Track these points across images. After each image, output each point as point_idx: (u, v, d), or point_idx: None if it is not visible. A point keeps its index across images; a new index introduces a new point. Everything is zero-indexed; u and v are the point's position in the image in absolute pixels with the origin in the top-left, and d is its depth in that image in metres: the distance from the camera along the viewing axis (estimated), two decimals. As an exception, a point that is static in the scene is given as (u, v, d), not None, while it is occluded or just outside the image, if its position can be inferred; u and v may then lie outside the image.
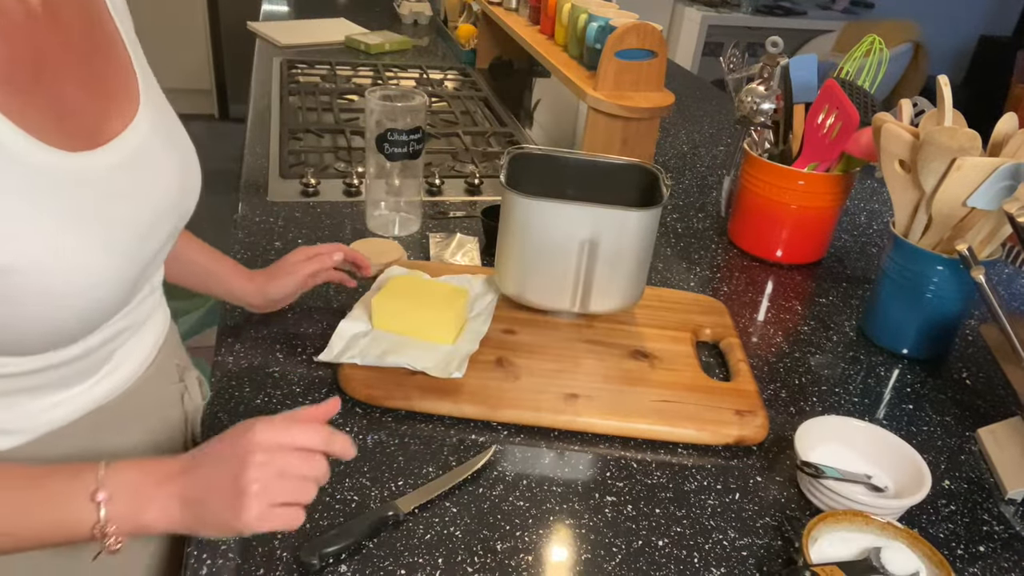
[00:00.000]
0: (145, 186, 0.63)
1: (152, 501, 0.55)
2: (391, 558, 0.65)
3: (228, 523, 0.55)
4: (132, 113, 0.63)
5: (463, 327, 0.92)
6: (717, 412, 0.83)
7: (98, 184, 0.58)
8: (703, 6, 4.24)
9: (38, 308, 0.54)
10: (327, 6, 2.67)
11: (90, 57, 0.61)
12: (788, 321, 1.08)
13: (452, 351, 0.87)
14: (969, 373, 1.00)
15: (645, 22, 1.28)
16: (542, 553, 0.68)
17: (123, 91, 0.64)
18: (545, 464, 0.78)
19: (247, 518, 0.54)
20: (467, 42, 2.18)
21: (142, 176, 0.62)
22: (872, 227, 1.41)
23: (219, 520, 0.55)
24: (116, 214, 0.59)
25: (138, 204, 0.62)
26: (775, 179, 1.16)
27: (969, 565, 0.72)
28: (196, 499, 0.55)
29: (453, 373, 0.82)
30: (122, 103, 0.63)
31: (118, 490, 0.54)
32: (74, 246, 0.55)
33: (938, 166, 0.89)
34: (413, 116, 1.10)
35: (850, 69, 1.17)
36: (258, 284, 0.90)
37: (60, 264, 0.54)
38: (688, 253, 1.24)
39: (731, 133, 1.81)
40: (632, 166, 1.00)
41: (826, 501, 0.74)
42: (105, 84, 0.62)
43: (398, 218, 1.19)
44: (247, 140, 1.48)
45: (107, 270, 0.57)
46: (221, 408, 0.81)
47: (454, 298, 0.90)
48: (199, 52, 3.95)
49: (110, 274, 0.58)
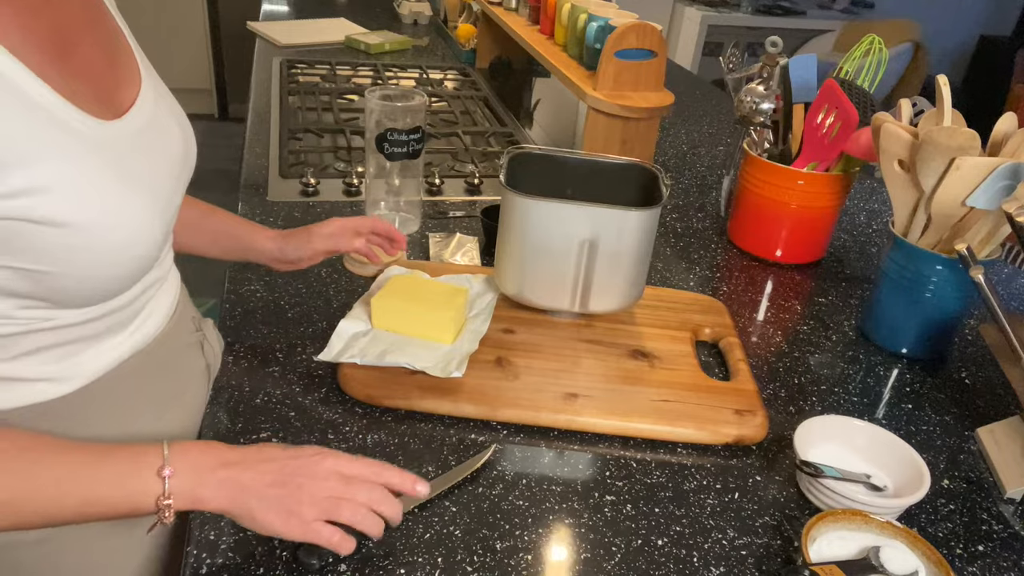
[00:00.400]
0: (162, 148, 0.69)
1: (209, 482, 0.59)
2: (391, 558, 0.65)
3: (273, 524, 0.60)
4: (137, 81, 0.68)
5: (463, 327, 0.92)
6: (716, 411, 0.84)
7: (130, 149, 0.63)
8: (703, 6, 4.24)
9: (93, 263, 0.60)
10: (327, 6, 2.67)
11: (96, 28, 0.65)
12: (788, 321, 1.08)
13: (452, 350, 0.87)
14: (968, 373, 1.00)
15: (645, 22, 1.28)
16: (541, 552, 0.68)
17: (125, 60, 0.68)
18: (544, 463, 0.78)
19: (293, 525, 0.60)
20: (467, 42, 2.18)
21: (159, 140, 0.68)
22: (872, 227, 1.41)
23: (266, 518, 0.59)
24: (146, 175, 0.65)
25: (160, 165, 0.68)
26: (775, 179, 1.16)
27: (968, 564, 0.72)
28: (249, 490, 0.59)
29: (453, 372, 0.83)
30: (128, 72, 0.67)
31: (181, 467, 0.58)
32: (120, 205, 0.60)
33: (937, 166, 0.90)
34: (413, 116, 1.10)
35: (850, 69, 1.17)
36: (278, 243, 0.93)
37: (110, 221, 0.59)
38: (688, 253, 1.24)
39: (731, 133, 1.81)
40: (632, 166, 1.00)
41: (825, 500, 0.74)
42: (113, 54, 0.66)
43: (398, 218, 1.19)
44: (247, 140, 1.48)
45: (147, 225, 0.63)
46: (221, 408, 0.81)
47: (453, 297, 0.91)
48: (199, 52, 3.95)
49: (150, 229, 0.64)
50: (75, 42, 0.61)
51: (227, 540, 0.66)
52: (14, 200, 0.53)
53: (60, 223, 0.56)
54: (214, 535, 0.66)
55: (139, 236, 0.63)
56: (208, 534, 0.66)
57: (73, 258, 0.58)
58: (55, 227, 0.56)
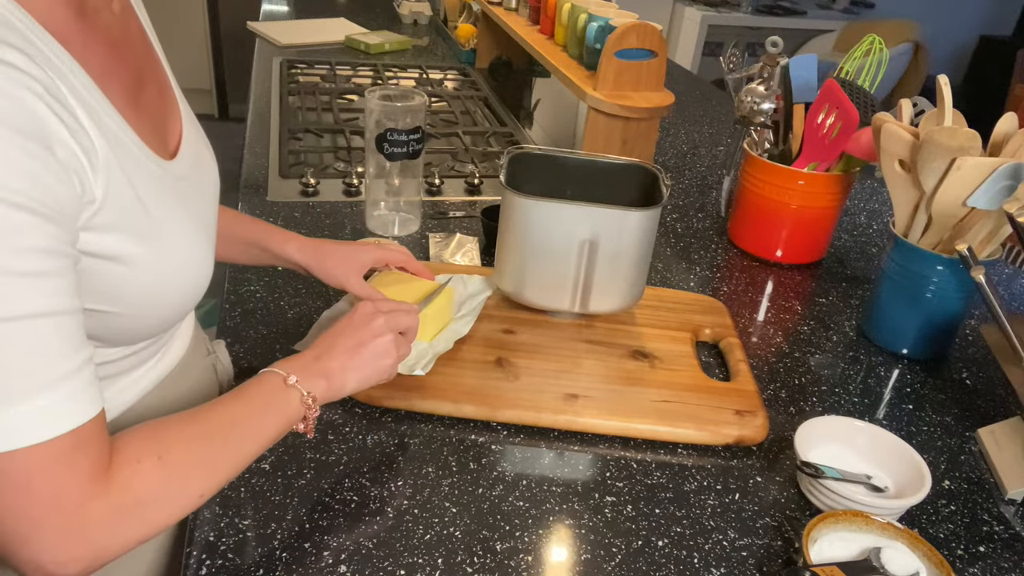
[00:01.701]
0: (208, 182, 0.71)
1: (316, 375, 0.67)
2: (391, 558, 0.65)
3: (370, 380, 0.72)
4: (178, 116, 0.69)
5: (445, 326, 0.91)
6: (717, 412, 0.83)
7: (186, 186, 0.65)
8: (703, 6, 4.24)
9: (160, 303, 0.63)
10: (327, 6, 2.67)
11: (154, 68, 0.67)
12: (788, 321, 1.08)
13: (425, 349, 0.86)
14: (969, 373, 1.00)
15: (645, 22, 1.28)
16: (542, 553, 0.68)
17: (171, 98, 0.69)
18: (545, 464, 0.78)
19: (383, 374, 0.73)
20: (467, 42, 2.18)
21: (204, 174, 0.71)
22: (872, 227, 1.40)
23: (364, 377, 0.71)
24: (200, 210, 0.68)
25: (207, 198, 0.71)
26: (775, 179, 1.16)
27: (969, 565, 0.72)
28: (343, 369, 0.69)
29: (416, 370, 0.81)
30: (173, 109, 0.68)
31: (298, 373, 0.66)
32: (186, 243, 0.63)
33: (938, 166, 0.89)
34: (413, 116, 1.10)
35: (850, 69, 1.17)
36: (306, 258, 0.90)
37: (180, 259, 0.63)
38: (688, 253, 1.24)
39: (731, 133, 1.81)
40: (632, 166, 1.00)
41: (826, 501, 0.74)
42: (164, 91, 0.68)
43: (398, 218, 1.19)
44: (247, 140, 1.48)
45: (206, 259, 0.67)
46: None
47: (437, 296, 0.89)
48: (199, 52, 3.95)
49: (207, 262, 0.67)
50: (144, 83, 0.63)
51: (227, 541, 0.66)
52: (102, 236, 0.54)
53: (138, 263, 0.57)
54: (214, 536, 0.66)
55: (200, 271, 0.66)
56: (208, 535, 0.66)
57: (144, 298, 0.60)
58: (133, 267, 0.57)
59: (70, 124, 0.50)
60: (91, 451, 0.51)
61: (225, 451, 0.60)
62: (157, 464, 0.54)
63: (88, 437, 0.51)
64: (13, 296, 0.46)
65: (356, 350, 0.71)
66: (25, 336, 0.47)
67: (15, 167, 0.45)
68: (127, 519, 0.52)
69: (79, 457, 0.50)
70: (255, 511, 0.69)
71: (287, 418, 0.64)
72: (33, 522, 0.49)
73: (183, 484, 0.56)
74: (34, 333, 0.47)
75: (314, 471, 0.74)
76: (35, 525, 0.49)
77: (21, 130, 0.46)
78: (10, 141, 0.45)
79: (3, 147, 0.45)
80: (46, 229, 0.47)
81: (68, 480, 0.49)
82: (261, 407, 0.63)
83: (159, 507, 0.55)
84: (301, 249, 0.89)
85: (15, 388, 0.47)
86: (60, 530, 0.49)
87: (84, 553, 0.50)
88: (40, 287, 0.47)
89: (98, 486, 0.51)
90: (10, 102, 0.45)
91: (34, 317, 0.47)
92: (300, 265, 0.89)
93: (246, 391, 0.64)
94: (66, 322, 0.49)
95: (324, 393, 0.67)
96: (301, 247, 0.89)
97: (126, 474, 0.53)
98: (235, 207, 1.21)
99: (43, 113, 0.47)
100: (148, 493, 0.54)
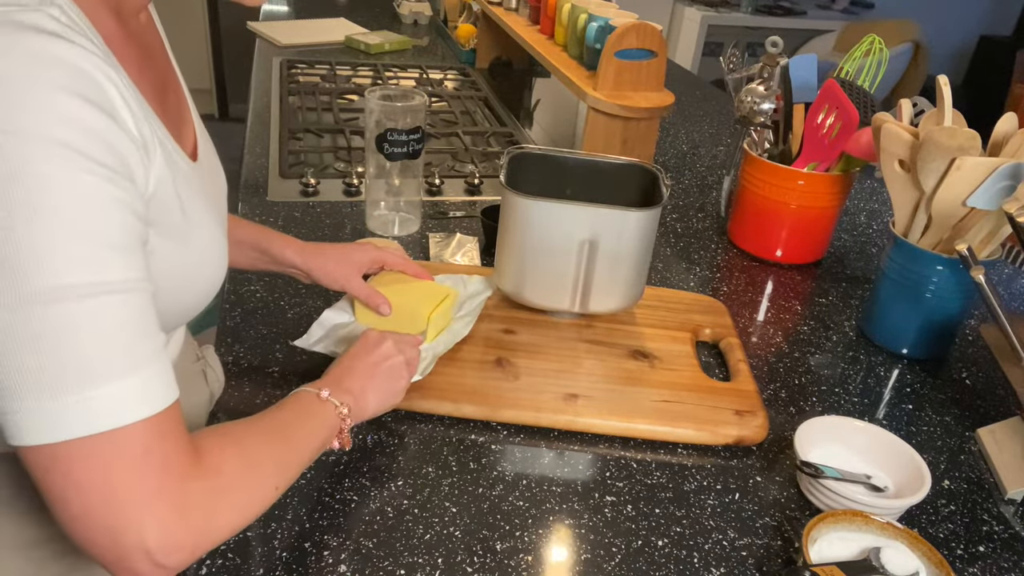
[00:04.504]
0: (220, 183, 0.73)
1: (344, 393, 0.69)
2: (391, 558, 0.65)
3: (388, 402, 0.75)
4: (191, 121, 0.69)
5: (445, 328, 0.91)
6: (717, 412, 0.83)
7: (209, 187, 0.67)
8: (703, 6, 4.24)
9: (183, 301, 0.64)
10: (327, 6, 2.67)
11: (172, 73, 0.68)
12: (788, 321, 1.08)
13: (425, 351, 0.86)
14: (969, 373, 1.00)
15: (645, 22, 1.28)
16: (542, 553, 0.68)
17: (184, 99, 0.70)
18: (545, 464, 0.78)
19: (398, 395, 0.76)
20: (467, 42, 2.18)
21: (217, 176, 0.72)
22: (872, 227, 1.41)
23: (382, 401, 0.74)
24: (220, 209, 0.70)
25: (221, 199, 0.72)
26: (775, 179, 1.16)
27: (969, 565, 0.72)
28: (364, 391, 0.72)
29: (415, 375, 0.80)
30: (187, 112, 0.69)
31: (329, 388, 0.67)
32: (213, 243, 0.65)
33: (938, 166, 0.89)
34: (413, 116, 1.10)
35: (850, 69, 1.17)
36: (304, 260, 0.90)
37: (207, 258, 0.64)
38: (688, 253, 1.24)
39: (731, 133, 1.81)
40: (632, 166, 1.00)
41: (826, 501, 0.74)
42: (181, 96, 0.69)
43: (398, 218, 1.19)
44: (247, 140, 1.48)
45: (224, 258, 0.68)
46: (220, 408, 0.81)
47: (439, 297, 0.89)
48: (199, 52, 3.95)
49: (224, 263, 0.68)
50: (167, 90, 0.64)
51: (227, 541, 0.66)
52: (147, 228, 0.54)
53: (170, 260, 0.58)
54: (214, 536, 0.66)
55: (220, 269, 0.67)
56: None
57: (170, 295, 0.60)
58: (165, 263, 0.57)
59: (134, 111, 0.51)
60: (182, 433, 0.51)
61: (291, 450, 0.61)
62: (240, 453, 0.55)
63: (177, 418, 0.51)
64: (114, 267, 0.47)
65: (373, 371, 0.73)
66: (122, 308, 0.47)
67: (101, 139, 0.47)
68: (221, 502, 0.52)
69: (175, 436, 0.50)
70: (255, 511, 0.68)
71: (329, 427, 0.66)
72: (143, 503, 0.47)
73: (264, 475, 0.57)
74: (126, 307, 0.48)
75: (314, 471, 0.74)
76: (145, 506, 0.47)
77: (101, 107, 0.47)
78: (94, 115, 0.47)
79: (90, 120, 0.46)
80: (130, 203, 0.49)
81: (172, 457, 0.49)
82: (306, 416, 0.65)
83: (246, 494, 0.55)
84: (300, 252, 0.89)
85: (112, 365, 0.47)
86: (167, 510, 0.48)
87: (187, 538, 0.49)
88: (128, 261, 0.48)
89: (194, 467, 0.51)
90: (90, 81, 0.47)
91: (128, 291, 0.48)
92: (300, 269, 0.89)
93: (287, 404, 0.65)
94: (149, 299, 0.50)
95: (352, 410, 0.69)
96: (300, 250, 0.89)
97: (215, 459, 0.53)
98: (235, 207, 1.21)
99: (114, 96, 0.49)
100: (236, 478, 0.54)
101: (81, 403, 0.45)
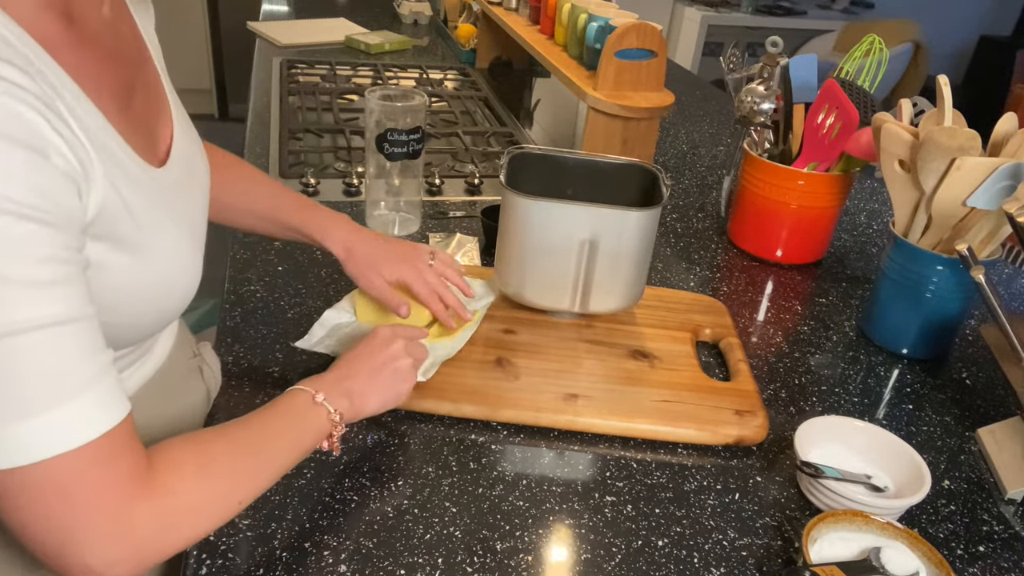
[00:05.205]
0: (197, 187, 0.71)
1: (339, 395, 0.69)
2: (391, 558, 0.65)
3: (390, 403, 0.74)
4: (169, 122, 0.68)
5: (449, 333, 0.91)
6: (717, 412, 0.83)
7: (175, 194, 0.65)
8: (703, 6, 4.24)
9: (149, 311, 0.63)
10: (327, 6, 2.67)
11: (145, 75, 0.66)
12: (788, 321, 1.08)
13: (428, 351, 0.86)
14: (969, 373, 1.00)
15: (645, 22, 1.28)
16: (542, 553, 0.68)
17: (162, 104, 0.68)
18: (545, 464, 0.78)
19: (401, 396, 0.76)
20: (467, 42, 2.18)
21: (194, 179, 0.70)
22: (872, 227, 1.41)
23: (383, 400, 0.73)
24: (189, 216, 0.67)
25: (197, 203, 0.70)
26: (775, 179, 1.16)
27: (969, 565, 0.72)
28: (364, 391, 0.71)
29: (418, 377, 0.80)
30: (163, 115, 0.68)
31: (325, 392, 0.67)
32: (177, 251, 0.63)
33: (938, 166, 0.89)
34: (413, 116, 1.10)
35: (850, 69, 1.17)
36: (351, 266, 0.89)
37: (171, 268, 0.63)
38: (688, 253, 1.24)
39: (731, 133, 1.81)
40: (632, 166, 1.00)
41: (826, 501, 0.74)
42: (156, 100, 0.67)
43: (398, 218, 1.19)
44: (247, 140, 1.48)
45: (194, 265, 0.67)
46: (220, 408, 0.81)
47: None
48: (199, 52, 3.95)
49: (196, 268, 0.67)
50: (135, 90, 0.62)
51: (227, 541, 0.66)
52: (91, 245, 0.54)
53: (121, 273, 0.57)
54: (214, 536, 0.66)
55: (190, 278, 0.66)
56: (208, 535, 0.66)
57: (133, 307, 0.60)
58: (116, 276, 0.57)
59: (67, 136, 0.50)
60: (128, 453, 0.52)
61: (262, 461, 0.61)
62: (198, 470, 0.55)
63: (122, 439, 0.51)
64: (26, 306, 0.46)
65: (377, 373, 0.73)
66: (44, 345, 0.47)
67: (19, 179, 0.46)
68: (171, 521, 0.53)
69: (117, 459, 0.51)
70: (255, 511, 0.69)
71: (317, 433, 0.66)
72: (80, 523, 0.49)
73: (224, 491, 0.57)
74: (51, 342, 0.47)
75: (314, 471, 0.74)
76: (82, 526, 0.49)
77: (22, 143, 0.46)
78: (12, 154, 0.46)
79: (6, 160, 0.45)
80: (54, 238, 0.48)
81: (110, 481, 0.50)
82: (293, 421, 0.65)
83: (201, 511, 0.55)
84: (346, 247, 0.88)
85: (40, 398, 0.47)
86: (107, 530, 0.50)
87: (131, 554, 0.51)
88: (53, 295, 0.48)
89: (141, 488, 0.51)
90: (9, 116, 0.46)
91: (50, 326, 0.47)
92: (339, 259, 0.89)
93: (278, 406, 0.65)
94: (83, 328, 0.50)
95: (347, 413, 0.69)
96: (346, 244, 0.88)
97: (168, 478, 0.53)
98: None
99: (41, 126, 0.48)
100: (190, 497, 0.54)
101: (11, 436, 0.46)
